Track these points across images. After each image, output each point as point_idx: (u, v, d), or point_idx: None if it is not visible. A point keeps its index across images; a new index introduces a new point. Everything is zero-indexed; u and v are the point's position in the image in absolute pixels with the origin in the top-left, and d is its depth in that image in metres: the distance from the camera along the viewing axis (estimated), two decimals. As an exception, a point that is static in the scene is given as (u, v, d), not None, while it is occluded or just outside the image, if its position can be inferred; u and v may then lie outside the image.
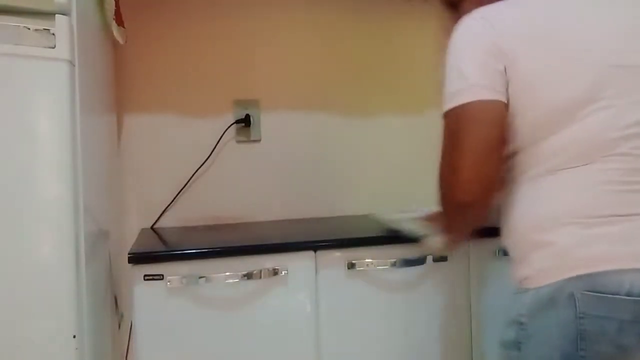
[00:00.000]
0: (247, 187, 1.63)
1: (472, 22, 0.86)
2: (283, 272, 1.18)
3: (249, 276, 1.15)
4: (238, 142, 1.63)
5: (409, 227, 1.19)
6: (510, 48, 0.82)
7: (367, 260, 1.22)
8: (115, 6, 1.26)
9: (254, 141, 1.65)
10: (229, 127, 1.60)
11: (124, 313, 1.46)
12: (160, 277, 1.13)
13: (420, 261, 1.24)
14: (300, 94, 1.68)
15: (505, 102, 0.83)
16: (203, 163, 1.59)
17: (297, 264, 1.20)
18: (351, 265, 1.21)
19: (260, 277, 1.16)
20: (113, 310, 1.34)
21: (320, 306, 1.21)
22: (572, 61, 0.80)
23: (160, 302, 1.13)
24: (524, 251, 0.84)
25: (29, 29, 0.91)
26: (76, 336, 0.93)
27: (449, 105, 0.86)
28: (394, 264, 1.22)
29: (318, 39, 1.69)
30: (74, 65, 0.96)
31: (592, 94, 0.79)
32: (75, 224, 0.94)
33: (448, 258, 1.26)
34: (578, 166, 0.79)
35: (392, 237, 1.25)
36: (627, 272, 0.74)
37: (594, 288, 0.74)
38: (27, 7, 0.90)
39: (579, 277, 0.75)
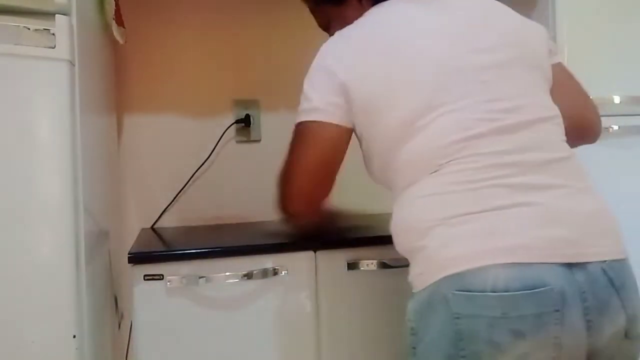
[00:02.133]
0: (247, 187, 1.63)
1: (327, 46, 0.95)
2: (283, 272, 1.18)
3: (249, 276, 1.15)
4: (238, 142, 1.63)
5: None
6: (348, 75, 0.87)
7: (367, 260, 1.22)
8: (115, 6, 1.26)
9: (254, 141, 1.65)
10: (229, 127, 1.60)
11: (124, 313, 1.46)
12: (160, 277, 1.13)
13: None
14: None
15: (344, 124, 0.90)
16: (203, 163, 1.59)
17: (297, 264, 1.20)
18: (351, 265, 1.21)
19: (260, 277, 1.16)
20: (113, 310, 1.34)
21: (320, 306, 1.21)
22: (411, 72, 0.83)
23: (160, 302, 1.13)
24: (409, 257, 0.86)
25: (29, 29, 0.91)
26: (76, 336, 0.93)
27: (297, 119, 0.96)
28: (393, 264, 1.22)
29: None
30: (74, 65, 0.96)
31: (431, 102, 0.82)
32: (75, 224, 0.94)
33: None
34: (428, 175, 0.82)
35: (390, 237, 1.25)
36: (490, 268, 0.73)
37: (463, 287, 0.74)
38: (27, 7, 0.90)
39: (448, 278, 0.76)
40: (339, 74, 0.88)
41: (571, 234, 0.76)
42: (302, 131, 0.94)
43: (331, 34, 1.01)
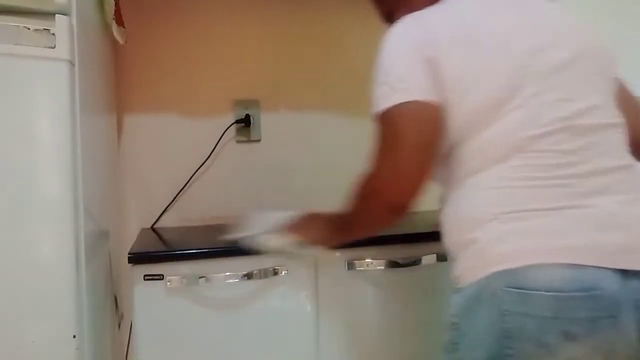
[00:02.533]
0: (247, 187, 1.63)
1: (402, 27, 0.88)
2: (283, 272, 1.18)
3: (249, 276, 1.15)
4: (238, 142, 1.63)
5: (271, 244, 1.07)
6: (434, 51, 0.82)
7: (367, 260, 1.22)
8: (115, 6, 1.26)
9: (254, 141, 1.65)
10: (229, 127, 1.60)
11: (123, 313, 1.46)
12: (160, 277, 1.13)
13: (419, 261, 1.24)
14: (300, 94, 1.68)
15: (438, 101, 0.83)
16: (203, 163, 1.59)
17: (297, 264, 1.20)
18: (351, 265, 1.21)
19: (260, 277, 1.16)
20: (113, 310, 1.34)
21: (320, 306, 1.21)
22: (491, 61, 0.81)
23: (160, 302, 1.13)
24: (455, 251, 0.85)
25: (29, 29, 0.91)
26: (76, 336, 0.93)
27: (384, 106, 0.85)
28: (393, 264, 1.22)
29: (318, 39, 1.69)
30: (74, 65, 0.96)
31: (510, 93, 0.79)
32: (75, 224, 0.94)
33: (448, 258, 1.26)
34: (497, 164, 0.79)
35: (390, 237, 1.25)
36: (545, 267, 0.72)
37: (514, 284, 0.73)
38: (27, 7, 0.90)
39: (499, 273, 0.74)
40: (426, 49, 0.82)
41: (628, 240, 0.75)
42: (392, 116, 0.83)
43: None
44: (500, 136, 0.79)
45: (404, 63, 0.84)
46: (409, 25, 0.87)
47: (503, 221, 0.77)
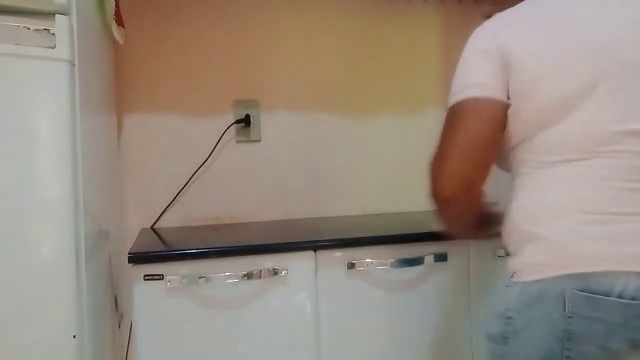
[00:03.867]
0: (247, 187, 1.63)
1: (483, 27, 0.88)
2: (283, 272, 1.18)
3: (249, 276, 1.15)
4: (238, 142, 1.63)
5: None
6: (509, 46, 0.81)
7: (367, 260, 1.22)
8: (115, 6, 1.26)
9: (254, 141, 1.65)
10: (229, 127, 1.60)
11: (123, 313, 1.46)
12: (160, 277, 1.13)
13: (419, 261, 1.24)
14: (300, 94, 1.68)
15: (502, 99, 0.82)
16: (203, 163, 1.59)
17: (297, 264, 1.20)
18: (351, 265, 1.21)
19: (260, 277, 1.16)
20: (113, 310, 1.34)
21: (320, 306, 1.21)
22: (573, 53, 0.78)
23: (160, 302, 1.13)
24: (517, 243, 0.82)
25: (29, 29, 0.91)
26: (76, 336, 0.93)
27: (449, 103, 0.87)
28: (393, 264, 1.22)
29: (318, 39, 1.69)
30: (74, 65, 0.96)
31: (592, 87, 0.76)
32: (75, 224, 0.94)
33: (448, 258, 1.27)
34: (577, 160, 0.77)
35: (390, 237, 1.25)
36: (621, 274, 0.72)
37: (585, 288, 0.72)
38: (27, 7, 0.90)
39: (571, 276, 0.73)
40: (502, 46, 0.82)
41: None
42: (456, 110, 0.85)
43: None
44: (583, 129, 0.77)
45: (476, 61, 0.85)
46: (493, 24, 0.86)
47: (581, 222, 0.75)
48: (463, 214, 0.90)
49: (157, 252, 1.16)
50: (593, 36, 0.79)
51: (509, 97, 0.83)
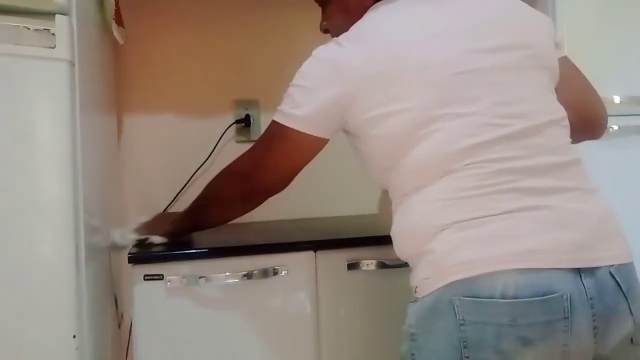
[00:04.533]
0: (247, 187, 1.63)
1: (322, 51, 0.93)
2: (283, 272, 1.18)
3: (249, 276, 1.15)
4: (238, 142, 1.63)
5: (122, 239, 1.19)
6: (351, 90, 0.84)
7: (367, 260, 1.22)
8: (115, 6, 1.26)
9: (254, 141, 1.64)
10: (229, 127, 1.60)
11: (123, 313, 1.46)
12: (160, 277, 1.13)
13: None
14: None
15: (325, 137, 0.94)
16: (203, 163, 1.59)
17: (297, 264, 1.20)
18: (351, 265, 1.21)
19: (260, 277, 1.16)
20: (113, 310, 1.34)
21: (320, 306, 1.21)
22: (416, 77, 0.81)
23: (160, 302, 1.13)
24: (411, 262, 0.84)
25: (29, 29, 0.91)
26: (76, 336, 0.93)
27: (277, 118, 0.95)
28: (393, 264, 1.22)
29: (318, 39, 1.69)
30: (74, 65, 0.96)
31: (438, 106, 0.79)
32: (75, 224, 0.94)
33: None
34: (437, 179, 0.79)
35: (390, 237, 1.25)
36: (499, 274, 0.72)
37: (470, 293, 0.72)
38: (27, 7, 0.90)
39: (455, 283, 0.74)
40: (342, 77, 0.85)
41: (582, 237, 0.76)
42: (280, 134, 0.94)
43: (330, 16, 1.05)
44: (437, 151, 0.79)
45: (313, 88, 0.90)
46: (334, 47, 0.90)
47: (456, 230, 0.76)
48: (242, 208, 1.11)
49: (157, 252, 1.16)
50: (430, 55, 0.81)
51: (347, 125, 0.92)
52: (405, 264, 1.21)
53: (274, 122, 0.95)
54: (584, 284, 0.73)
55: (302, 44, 1.68)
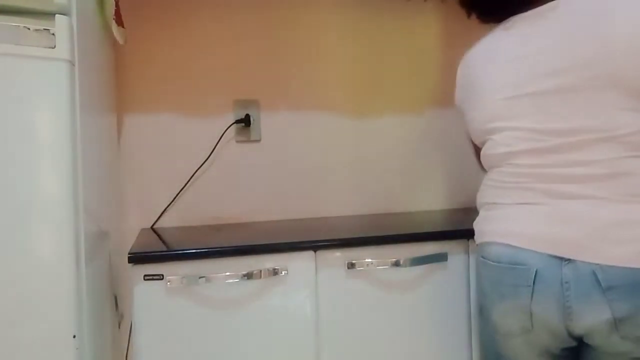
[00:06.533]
0: (247, 187, 1.63)
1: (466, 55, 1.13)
2: (283, 272, 1.18)
3: (249, 276, 1.15)
4: (238, 142, 1.63)
5: None
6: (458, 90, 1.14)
7: (367, 260, 1.22)
8: (115, 6, 1.26)
9: (254, 141, 1.65)
10: (229, 127, 1.61)
11: (124, 313, 1.46)
12: (160, 277, 1.13)
13: (419, 261, 1.24)
14: (300, 94, 1.68)
15: None
16: (203, 163, 1.59)
17: (297, 264, 1.20)
18: (351, 265, 1.21)
19: (260, 277, 1.16)
20: (113, 310, 1.34)
21: (320, 306, 1.22)
22: (479, 99, 1.04)
23: (160, 302, 1.13)
24: None
25: (29, 29, 0.91)
26: (76, 336, 0.94)
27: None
28: (393, 264, 1.22)
29: (318, 40, 1.69)
30: (74, 65, 0.96)
31: (494, 122, 1.01)
32: (75, 224, 0.94)
33: (448, 258, 1.27)
34: (488, 170, 1.08)
35: (390, 237, 1.25)
36: (492, 245, 0.99)
37: (482, 254, 1.01)
38: (27, 7, 0.90)
39: (478, 246, 1.05)
40: (457, 88, 1.15)
41: (578, 236, 0.89)
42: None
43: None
44: (488, 153, 1.05)
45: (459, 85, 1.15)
46: (460, 67, 1.15)
47: (485, 209, 1.06)
48: None
49: (157, 252, 1.16)
50: (499, 81, 1.01)
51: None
52: (405, 264, 1.23)
53: None
54: (561, 268, 0.89)
55: (302, 44, 1.69)
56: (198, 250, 1.16)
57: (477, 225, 1.06)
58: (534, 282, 0.91)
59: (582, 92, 0.90)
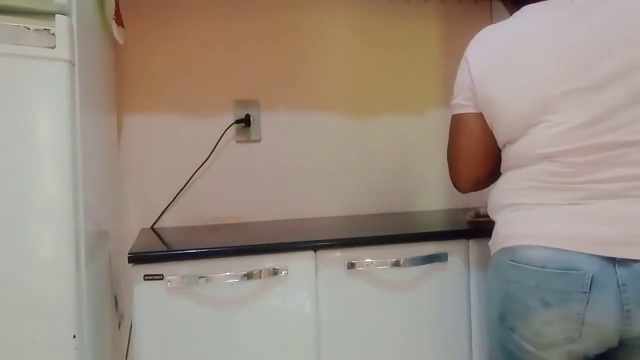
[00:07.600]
0: (247, 187, 1.63)
1: (470, 42, 1.05)
2: (283, 272, 1.18)
3: (249, 276, 1.15)
4: (238, 142, 1.63)
5: None
6: (477, 76, 1.00)
7: (367, 260, 1.22)
8: (115, 6, 1.26)
9: (254, 141, 1.65)
10: (229, 127, 1.61)
11: (124, 313, 1.46)
12: (160, 277, 1.13)
13: (419, 261, 1.24)
14: (300, 94, 1.68)
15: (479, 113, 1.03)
16: (203, 163, 1.59)
17: (297, 264, 1.20)
18: (351, 265, 1.21)
19: (260, 277, 1.16)
20: (113, 310, 1.34)
21: (320, 306, 1.22)
22: (522, 89, 0.95)
23: (160, 302, 1.13)
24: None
25: (29, 29, 0.91)
26: (76, 336, 0.93)
27: (450, 112, 1.09)
28: (393, 264, 1.22)
29: (318, 40, 1.69)
30: (74, 65, 0.96)
31: (535, 117, 0.94)
32: (75, 224, 0.94)
33: (448, 258, 1.27)
34: (517, 168, 0.98)
35: (390, 237, 1.25)
36: (533, 248, 0.91)
37: (513, 258, 0.94)
38: (27, 7, 0.90)
39: (504, 250, 0.96)
40: (472, 70, 1.01)
41: (620, 233, 0.86)
42: (452, 122, 1.09)
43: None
44: (525, 147, 0.96)
45: (458, 80, 1.06)
46: (475, 42, 1.04)
47: (510, 210, 0.98)
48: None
49: (157, 252, 1.16)
50: (544, 72, 0.93)
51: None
52: (405, 264, 1.23)
53: None
54: (615, 271, 0.85)
55: (303, 44, 1.69)
56: (198, 250, 1.16)
57: (503, 227, 0.98)
58: (590, 289, 0.85)
59: (633, 90, 0.87)
